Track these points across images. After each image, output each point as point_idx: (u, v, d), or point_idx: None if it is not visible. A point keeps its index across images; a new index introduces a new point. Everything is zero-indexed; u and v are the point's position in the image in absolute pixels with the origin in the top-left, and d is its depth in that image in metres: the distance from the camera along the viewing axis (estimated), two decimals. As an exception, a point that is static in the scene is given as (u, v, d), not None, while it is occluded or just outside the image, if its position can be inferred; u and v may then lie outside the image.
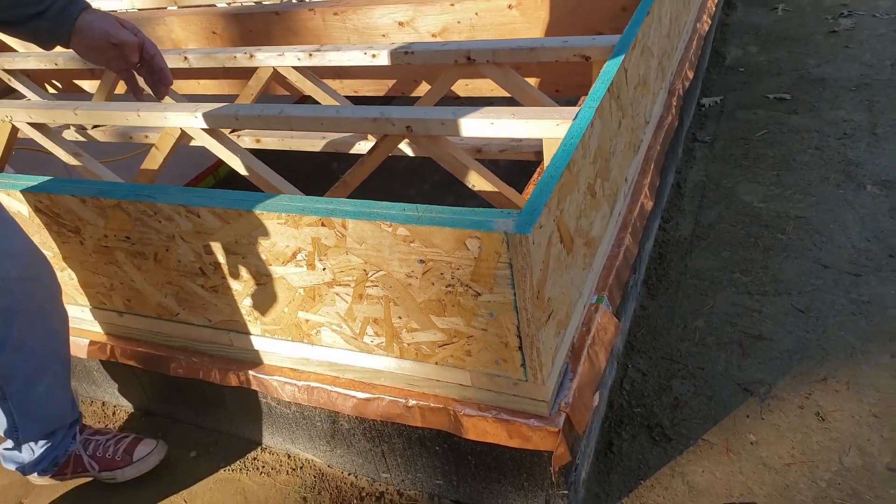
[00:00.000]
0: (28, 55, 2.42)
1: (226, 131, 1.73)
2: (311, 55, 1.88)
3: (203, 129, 1.64)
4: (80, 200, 1.31)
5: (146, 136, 2.13)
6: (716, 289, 1.88)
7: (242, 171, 1.65)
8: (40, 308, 1.34)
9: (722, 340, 1.71)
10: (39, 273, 1.34)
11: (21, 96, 2.44)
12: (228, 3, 2.72)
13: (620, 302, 1.54)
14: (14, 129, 1.86)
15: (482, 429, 1.21)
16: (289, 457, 1.53)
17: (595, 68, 1.64)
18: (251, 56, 1.94)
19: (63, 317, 1.42)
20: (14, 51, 2.77)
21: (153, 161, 1.73)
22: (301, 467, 1.51)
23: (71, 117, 1.78)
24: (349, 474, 1.47)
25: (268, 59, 1.93)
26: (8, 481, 1.62)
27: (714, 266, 1.97)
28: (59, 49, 1.27)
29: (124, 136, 2.15)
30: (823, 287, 1.82)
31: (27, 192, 1.37)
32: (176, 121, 1.66)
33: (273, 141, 2.01)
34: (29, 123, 1.83)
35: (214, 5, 2.82)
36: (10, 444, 1.46)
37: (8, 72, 2.39)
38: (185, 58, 2.03)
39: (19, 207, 1.42)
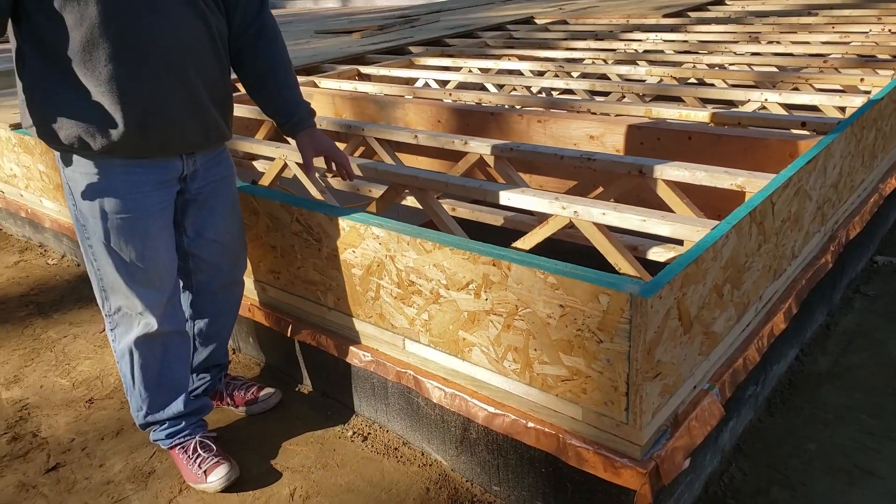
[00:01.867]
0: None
1: (435, 194, 2.20)
2: (511, 149, 2.32)
3: (419, 189, 2.11)
4: (329, 219, 1.81)
5: (370, 191, 2.68)
6: (838, 423, 1.97)
7: (440, 226, 2.09)
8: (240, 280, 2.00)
9: (832, 466, 1.80)
10: (245, 256, 1.98)
11: (283, 141, 3.14)
12: (454, 101, 3.30)
13: (732, 400, 1.73)
14: (284, 165, 2.48)
15: (583, 458, 1.47)
16: (422, 454, 1.87)
17: (748, 198, 1.90)
18: (465, 143, 2.42)
19: (243, 287, 2.04)
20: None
21: (374, 208, 2.23)
22: (430, 465, 1.83)
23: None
24: (467, 480, 1.77)
25: (478, 147, 2.40)
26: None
27: (843, 403, 2.05)
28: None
29: (353, 187, 2.73)
30: (952, 447, 1.84)
31: (290, 205, 1.90)
32: (398, 179, 2.16)
33: (465, 211, 2.45)
34: (296, 163, 2.44)
35: (441, 100, 3.42)
36: None
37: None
38: (416, 136, 2.58)
39: (280, 215, 1.95)
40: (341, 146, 3.13)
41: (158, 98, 1.55)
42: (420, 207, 2.23)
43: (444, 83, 4.00)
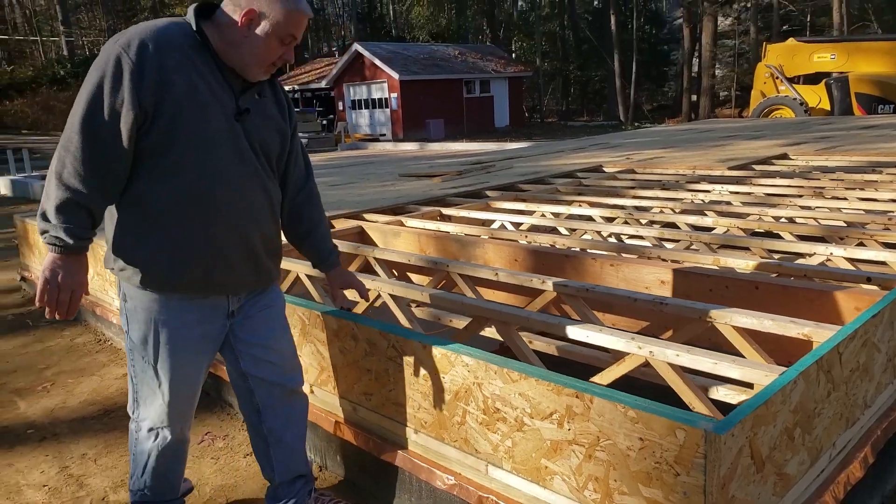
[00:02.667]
0: (384, 250, 3.46)
1: (513, 326, 2.39)
2: (587, 290, 2.52)
3: (501, 322, 2.31)
4: (423, 346, 2.01)
5: (450, 321, 2.90)
6: (924, 583, 1.93)
7: (521, 357, 2.27)
8: (299, 392, 2.20)
9: None
10: (300, 372, 2.20)
11: (375, 273, 3.44)
12: (529, 242, 3.56)
13: (809, 547, 1.75)
14: (378, 296, 2.75)
15: (660, 591, 1.52)
16: (498, 581, 1.92)
17: (815, 347, 2.01)
18: (543, 281, 2.64)
19: (305, 399, 2.24)
20: (376, 245, 3.90)
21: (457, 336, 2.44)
22: (506, 592, 1.88)
23: (417, 294, 2.61)
24: None
25: (555, 286, 2.61)
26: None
27: (928, 563, 2.01)
28: (401, 248, 2.08)
29: (436, 317, 2.96)
30: None
31: (387, 333, 2.13)
32: (482, 312, 2.37)
33: (541, 345, 2.62)
34: (389, 294, 2.70)
35: (517, 241, 3.69)
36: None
37: (374, 258, 3.42)
38: (496, 274, 2.82)
39: (377, 341, 2.17)
40: (425, 280, 3.41)
41: (223, 251, 1.88)
42: (492, 336, 2.42)
43: (518, 225, 4.31)
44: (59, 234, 1.71)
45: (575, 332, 2.15)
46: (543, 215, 4.41)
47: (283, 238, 2.14)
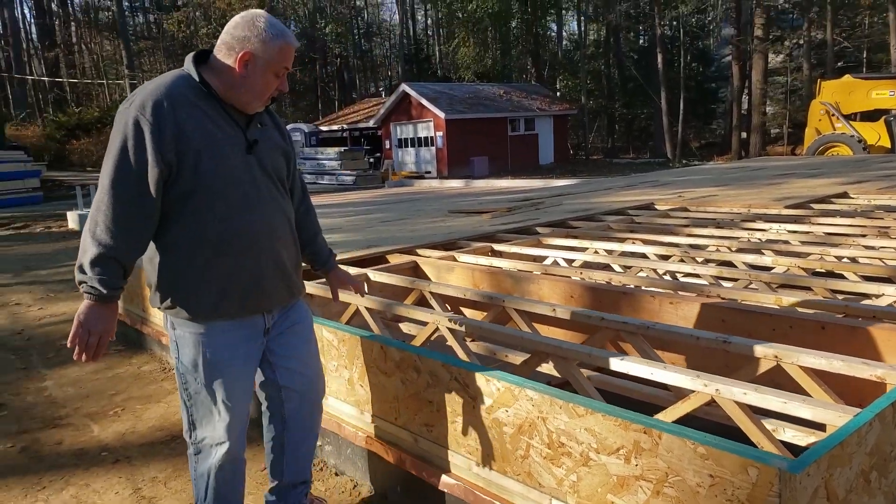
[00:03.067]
0: (439, 284, 3.51)
1: (573, 362, 2.40)
2: (648, 327, 2.52)
3: (561, 358, 2.33)
4: (486, 379, 2.04)
5: (506, 356, 2.92)
6: None
7: (582, 393, 2.27)
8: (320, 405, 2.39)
9: None
10: (323, 384, 2.40)
11: (430, 307, 3.49)
12: (585, 279, 3.58)
13: None
14: (436, 329, 2.79)
15: None
16: None
17: (889, 389, 1.97)
18: (601, 318, 2.64)
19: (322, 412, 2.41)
20: (430, 280, 3.96)
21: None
22: None
23: (474, 328, 2.64)
24: None
25: (613, 323, 2.61)
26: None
27: None
28: (455, 283, 2.12)
29: (492, 351, 2.98)
30: None
31: (450, 365, 2.16)
32: (542, 348, 2.39)
33: (600, 381, 2.62)
34: (447, 328, 2.74)
35: (571, 277, 3.71)
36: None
37: (429, 293, 3.48)
38: (554, 310, 2.83)
39: (440, 373, 2.20)
40: (479, 315, 3.45)
41: (257, 275, 2.06)
42: (547, 372, 2.43)
43: (570, 261, 4.31)
44: (95, 285, 1.87)
45: (637, 369, 2.15)
46: (596, 252, 4.42)
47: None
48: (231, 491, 2.21)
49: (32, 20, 46.00)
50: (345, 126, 31.69)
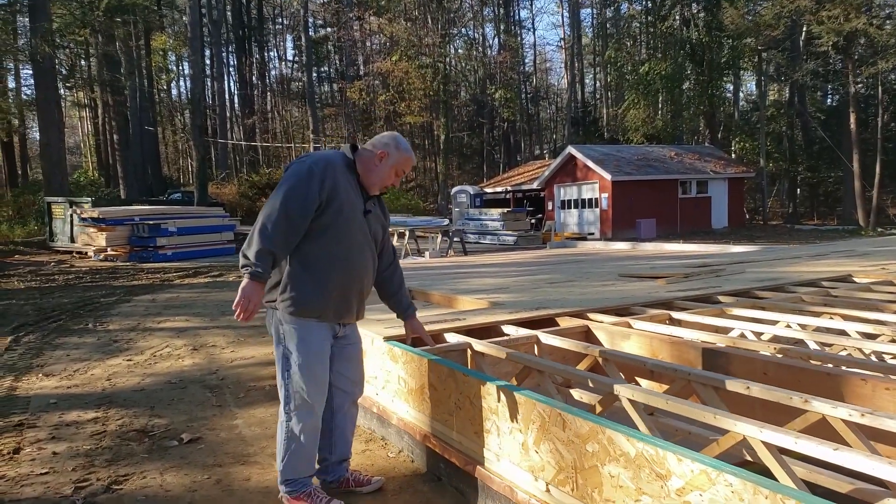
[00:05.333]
0: (615, 353, 3.38)
1: (774, 447, 2.18)
2: (862, 415, 2.23)
3: (762, 442, 2.12)
4: (678, 459, 1.91)
5: (689, 433, 2.71)
6: None
7: (784, 481, 2.05)
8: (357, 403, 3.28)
9: None
10: (362, 388, 3.28)
11: (604, 374, 3.36)
12: (779, 355, 3.27)
13: None
14: (616, 398, 2.68)
15: None
16: None
17: None
18: (806, 401, 2.39)
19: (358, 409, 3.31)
20: (602, 345, 3.84)
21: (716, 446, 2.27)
22: None
23: (659, 402, 2.50)
24: None
25: (821, 407, 2.34)
26: None
27: None
28: (631, 350, 1.97)
29: (674, 427, 2.79)
30: None
31: (635, 439, 2.05)
32: (739, 429, 2.20)
33: (802, 471, 2.34)
34: (627, 398, 2.62)
35: (759, 352, 3.41)
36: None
37: (603, 359, 3.36)
38: (748, 387, 2.61)
39: (626, 449, 2.09)
40: (658, 386, 3.26)
41: (347, 293, 2.95)
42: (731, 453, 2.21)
43: (759, 335, 3.98)
44: (257, 269, 2.71)
45: (852, 460, 1.90)
46: (788, 326, 4.04)
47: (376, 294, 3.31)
48: (312, 448, 2.97)
49: (236, 91, 52.40)
50: (508, 188, 32.33)
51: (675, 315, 4.31)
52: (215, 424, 4.31)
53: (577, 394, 3.55)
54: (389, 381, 3.68)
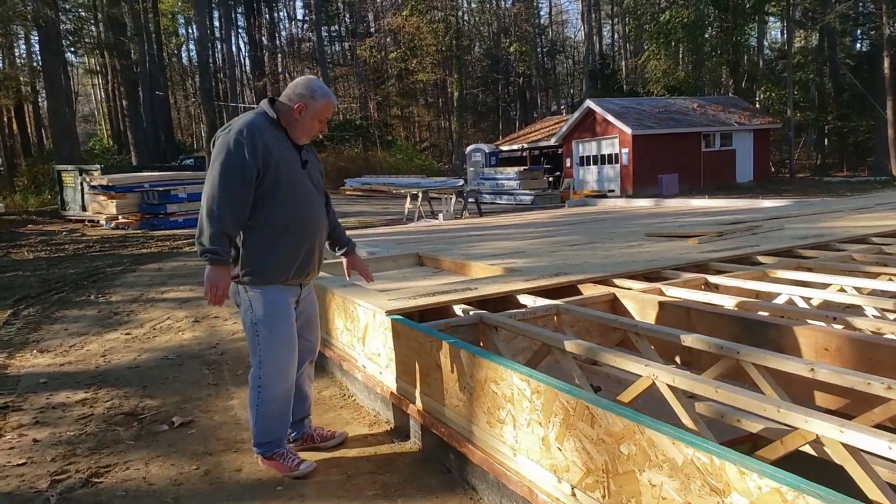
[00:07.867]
0: (648, 327, 2.96)
1: (859, 451, 1.77)
2: (963, 407, 1.81)
3: (841, 444, 1.71)
4: (740, 472, 1.50)
5: (738, 420, 2.31)
6: None
7: (864, 486, 1.64)
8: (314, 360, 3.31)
9: None
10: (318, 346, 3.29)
11: (636, 350, 2.95)
12: (842, 327, 2.83)
13: None
14: (652, 384, 2.27)
15: None
16: None
17: None
18: (889, 387, 1.96)
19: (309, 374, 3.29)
20: (630, 316, 3.42)
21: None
22: None
23: (704, 389, 2.09)
24: None
25: (907, 395, 1.92)
26: None
27: None
28: (665, 322, 1.55)
29: (720, 414, 2.38)
30: None
31: (680, 441, 1.64)
32: (809, 426, 1.78)
33: (885, 472, 1.93)
34: (667, 384, 2.21)
35: (820, 324, 2.97)
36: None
37: (635, 334, 2.94)
38: (812, 369, 2.18)
39: (670, 453, 1.69)
40: (701, 367, 2.84)
41: (307, 252, 2.93)
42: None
43: (808, 300, 3.53)
44: (216, 254, 2.69)
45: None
46: (842, 290, 3.59)
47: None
48: (287, 410, 2.99)
49: (246, 53, 51.58)
50: (524, 145, 31.55)
51: (712, 279, 3.87)
52: (210, 406, 3.99)
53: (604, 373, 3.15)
54: (392, 359, 3.30)
